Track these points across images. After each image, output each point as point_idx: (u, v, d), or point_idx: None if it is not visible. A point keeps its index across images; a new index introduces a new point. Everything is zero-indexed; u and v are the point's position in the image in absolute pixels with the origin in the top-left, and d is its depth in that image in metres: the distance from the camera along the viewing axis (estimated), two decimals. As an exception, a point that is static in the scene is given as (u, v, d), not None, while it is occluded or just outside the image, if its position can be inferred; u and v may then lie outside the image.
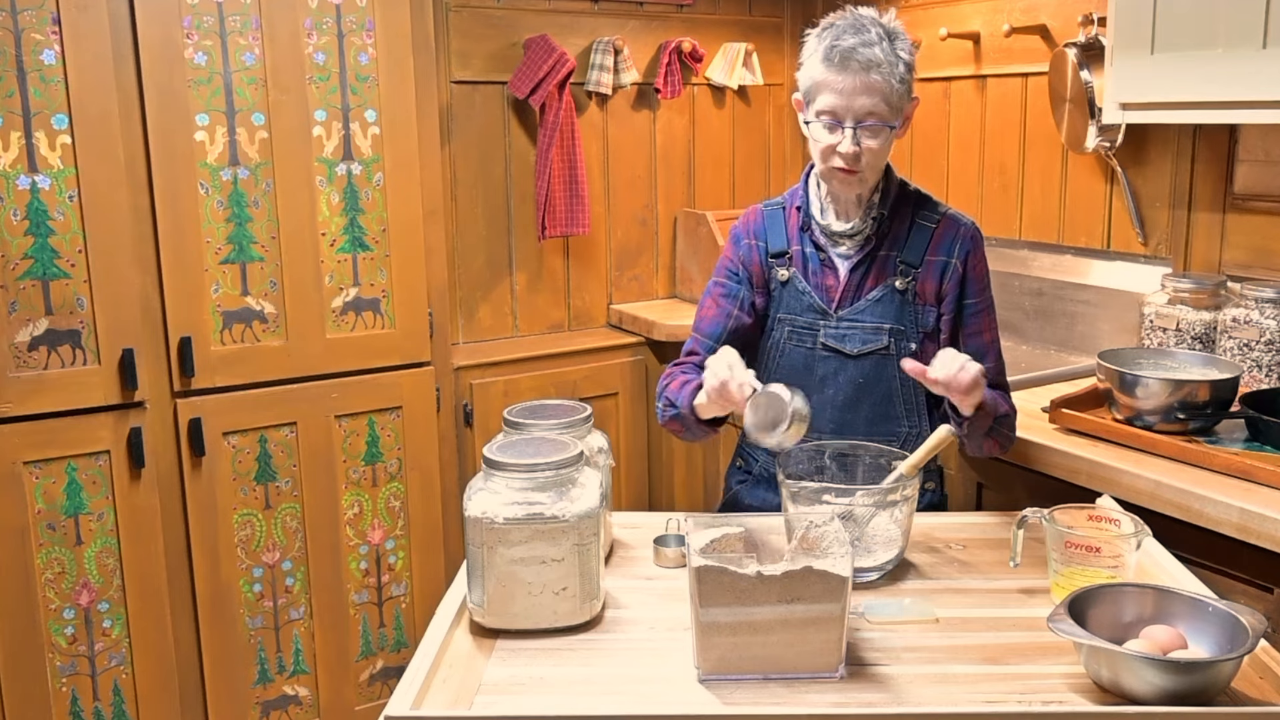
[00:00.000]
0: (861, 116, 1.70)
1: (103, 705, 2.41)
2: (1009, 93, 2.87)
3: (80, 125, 2.24)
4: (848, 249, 1.84)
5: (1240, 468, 1.80)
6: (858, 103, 1.69)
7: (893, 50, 1.70)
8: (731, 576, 1.26)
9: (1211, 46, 1.99)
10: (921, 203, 1.87)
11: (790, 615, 1.27)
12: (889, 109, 1.71)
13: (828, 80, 1.70)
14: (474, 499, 1.41)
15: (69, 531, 2.34)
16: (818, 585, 1.27)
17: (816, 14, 3.45)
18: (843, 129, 1.71)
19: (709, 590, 1.27)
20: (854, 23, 1.72)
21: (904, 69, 1.71)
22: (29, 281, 2.24)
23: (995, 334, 1.89)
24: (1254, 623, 1.23)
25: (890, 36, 1.71)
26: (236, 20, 2.36)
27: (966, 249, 1.84)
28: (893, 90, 1.70)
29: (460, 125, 3.08)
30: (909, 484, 1.57)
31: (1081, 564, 1.43)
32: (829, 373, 1.84)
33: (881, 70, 1.68)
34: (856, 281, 1.83)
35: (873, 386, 1.83)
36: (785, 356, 1.87)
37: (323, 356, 2.56)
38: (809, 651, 1.29)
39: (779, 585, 1.26)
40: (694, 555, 1.29)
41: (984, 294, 1.87)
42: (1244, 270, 2.34)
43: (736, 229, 1.95)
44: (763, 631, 1.28)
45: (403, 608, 2.76)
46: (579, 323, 3.36)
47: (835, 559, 1.28)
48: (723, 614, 1.27)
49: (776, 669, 1.29)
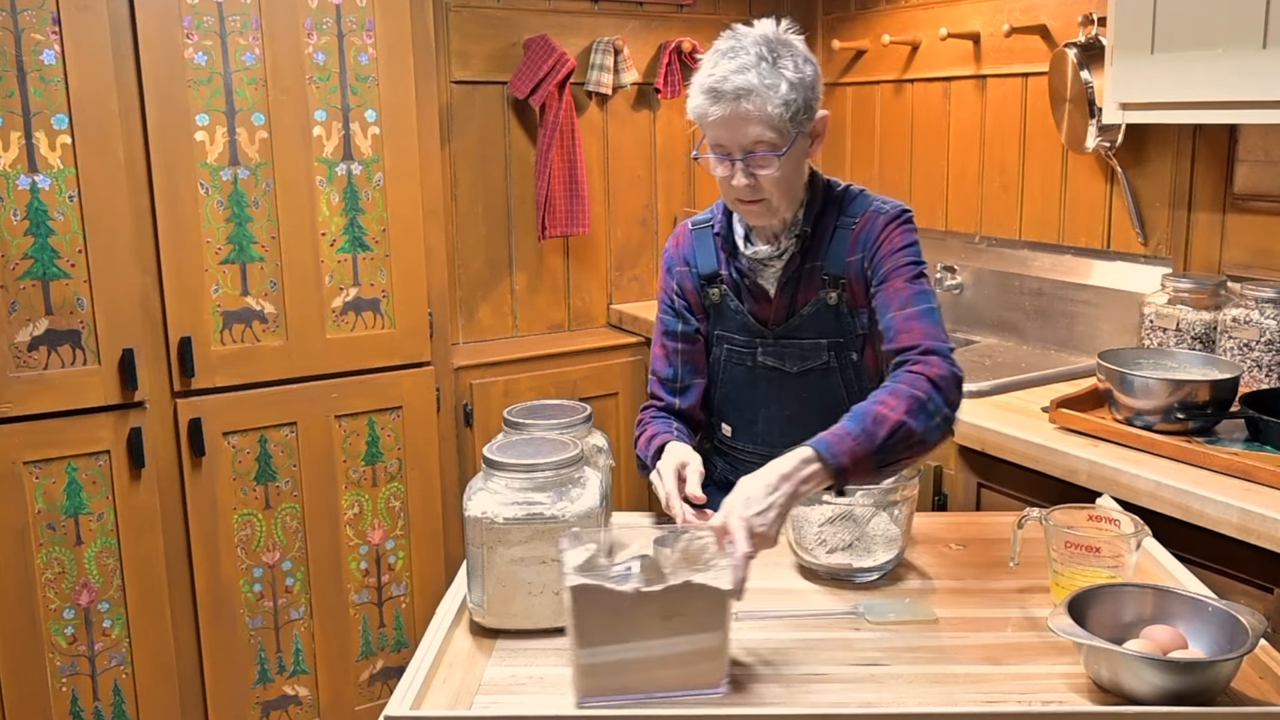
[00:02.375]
0: (749, 147, 1.61)
1: (103, 705, 2.41)
2: (1009, 93, 2.87)
3: (80, 125, 2.24)
4: (776, 270, 1.75)
5: (1240, 468, 1.80)
6: (739, 133, 1.60)
7: (774, 71, 1.58)
8: (609, 595, 1.20)
9: (1211, 46, 1.99)
10: (845, 206, 1.75)
11: (670, 632, 1.22)
12: (776, 134, 1.60)
13: (707, 113, 1.60)
14: (474, 499, 1.41)
15: (69, 531, 2.34)
16: (699, 600, 1.22)
17: (816, 14, 3.47)
18: (732, 161, 1.63)
19: (585, 609, 1.21)
20: (731, 47, 1.61)
21: (786, 89, 1.58)
22: (29, 281, 2.24)
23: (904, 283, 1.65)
24: (1254, 623, 1.23)
25: (773, 56, 1.59)
26: (236, 20, 2.36)
27: (874, 234, 1.71)
28: (773, 115, 1.58)
29: (460, 125, 3.09)
30: (909, 484, 1.57)
31: (1081, 564, 1.43)
32: (772, 391, 1.79)
33: (755, 97, 1.57)
34: (788, 301, 1.76)
35: (819, 400, 1.76)
36: (727, 374, 1.83)
37: (323, 356, 2.56)
38: (691, 669, 1.24)
39: (659, 602, 1.20)
40: (569, 573, 1.22)
41: (896, 260, 1.68)
42: (1244, 270, 2.34)
43: (668, 253, 1.87)
44: (642, 650, 1.22)
45: (403, 608, 2.76)
46: (579, 323, 3.36)
47: (717, 572, 1.23)
48: (599, 633, 1.22)
49: (657, 688, 1.24)
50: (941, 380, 1.53)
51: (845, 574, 1.56)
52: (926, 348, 1.57)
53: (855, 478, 1.46)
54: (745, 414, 1.84)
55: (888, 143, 3.29)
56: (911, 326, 1.61)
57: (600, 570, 1.25)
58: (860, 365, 1.78)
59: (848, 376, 1.78)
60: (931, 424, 1.50)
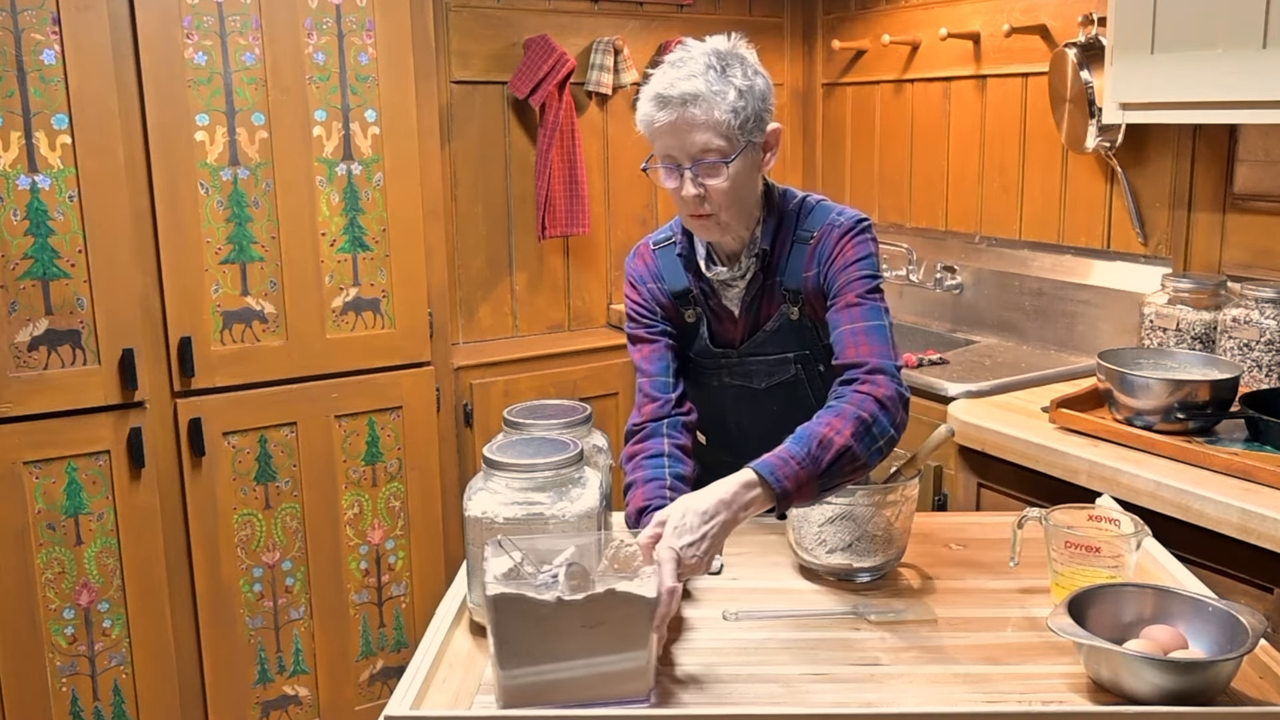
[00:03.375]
0: (696, 155, 1.59)
1: (103, 705, 2.41)
2: (1009, 93, 2.87)
3: (80, 125, 2.24)
4: (738, 289, 1.73)
5: (1240, 468, 1.80)
6: (687, 141, 1.58)
7: (722, 79, 1.57)
8: (529, 603, 1.18)
9: (1211, 46, 1.99)
10: (801, 219, 1.71)
11: (595, 641, 1.20)
12: (725, 142, 1.58)
13: (653, 120, 1.60)
14: (474, 499, 1.41)
15: (69, 531, 2.34)
16: (623, 609, 1.19)
17: (816, 14, 3.47)
18: (680, 171, 1.62)
19: (505, 618, 1.19)
20: (679, 57, 1.61)
21: (735, 96, 1.57)
22: (29, 281, 2.24)
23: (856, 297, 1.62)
24: (1254, 623, 1.23)
25: (722, 65, 1.59)
26: (236, 20, 2.36)
27: (829, 248, 1.67)
28: (720, 122, 1.57)
29: (460, 125, 3.09)
30: (909, 484, 1.57)
31: (1081, 564, 1.43)
32: (741, 405, 1.78)
33: (702, 103, 1.56)
34: (751, 319, 1.74)
35: (788, 414, 1.69)
36: (699, 389, 1.81)
37: (323, 356, 2.56)
38: (616, 679, 1.22)
39: (580, 611, 1.19)
40: (489, 581, 1.21)
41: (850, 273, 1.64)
42: (1244, 270, 2.34)
43: (637, 272, 1.82)
44: (566, 659, 1.20)
45: (403, 608, 2.76)
46: (579, 323, 3.36)
47: (642, 581, 1.21)
48: (522, 643, 1.20)
49: (582, 698, 1.22)
50: (888, 400, 1.51)
51: (845, 574, 1.56)
52: (873, 366, 1.55)
53: (797, 501, 1.45)
54: (716, 425, 1.83)
55: (888, 143, 3.29)
56: (860, 342, 1.58)
57: (525, 578, 1.24)
58: (828, 375, 1.74)
59: (816, 386, 1.77)
60: (874, 447, 1.49)
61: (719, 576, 1.61)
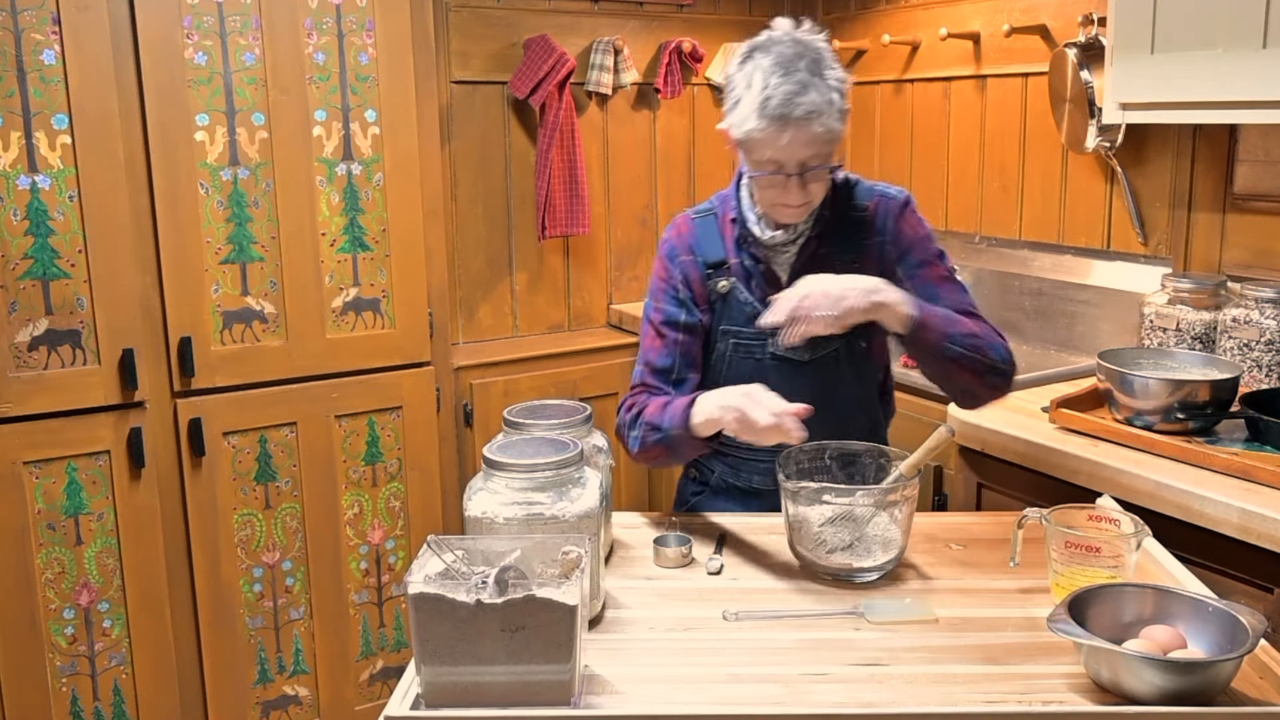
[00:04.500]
0: (807, 162, 1.63)
1: (103, 705, 2.41)
2: (1009, 93, 2.87)
3: (80, 125, 2.24)
4: (790, 255, 1.77)
5: (1240, 468, 1.80)
6: (800, 153, 1.62)
7: (826, 85, 1.60)
8: (449, 604, 1.19)
9: (1211, 46, 1.99)
10: (850, 191, 1.79)
11: (515, 646, 1.20)
12: (832, 148, 1.65)
13: (767, 136, 1.61)
14: (474, 499, 1.41)
15: (69, 531, 2.34)
16: (543, 614, 1.20)
17: (816, 14, 3.47)
18: (787, 178, 1.64)
19: (426, 618, 1.20)
20: (781, 60, 1.61)
21: (839, 99, 1.62)
22: (29, 281, 2.24)
23: (946, 271, 1.78)
24: (1254, 623, 1.23)
25: (820, 67, 1.62)
26: (236, 20, 2.36)
27: (894, 219, 1.77)
28: (834, 131, 1.62)
29: (460, 125, 3.09)
30: (909, 484, 1.57)
31: (1081, 564, 1.43)
32: (781, 381, 1.75)
33: (823, 117, 1.59)
34: None
35: (828, 390, 1.76)
36: (732, 369, 1.81)
37: (323, 356, 2.56)
38: (539, 683, 1.22)
39: (500, 615, 1.19)
40: (411, 581, 1.22)
41: (925, 248, 1.78)
42: (1244, 270, 2.34)
43: (669, 243, 1.85)
44: (486, 662, 1.21)
45: (403, 608, 2.76)
46: (579, 323, 3.36)
47: (565, 587, 1.21)
48: (443, 644, 1.20)
49: (504, 701, 1.22)
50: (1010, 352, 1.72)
51: (845, 574, 1.56)
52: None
53: (923, 336, 1.61)
54: None
55: (888, 143, 3.29)
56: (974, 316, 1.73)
57: (456, 579, 1.24)
58: (867, 353, 1.79)
59: (856, 365, 1.79)
60: (996, 357, 1.68)
61: (719, 576, 1.62)
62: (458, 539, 1.32)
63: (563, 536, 1.34)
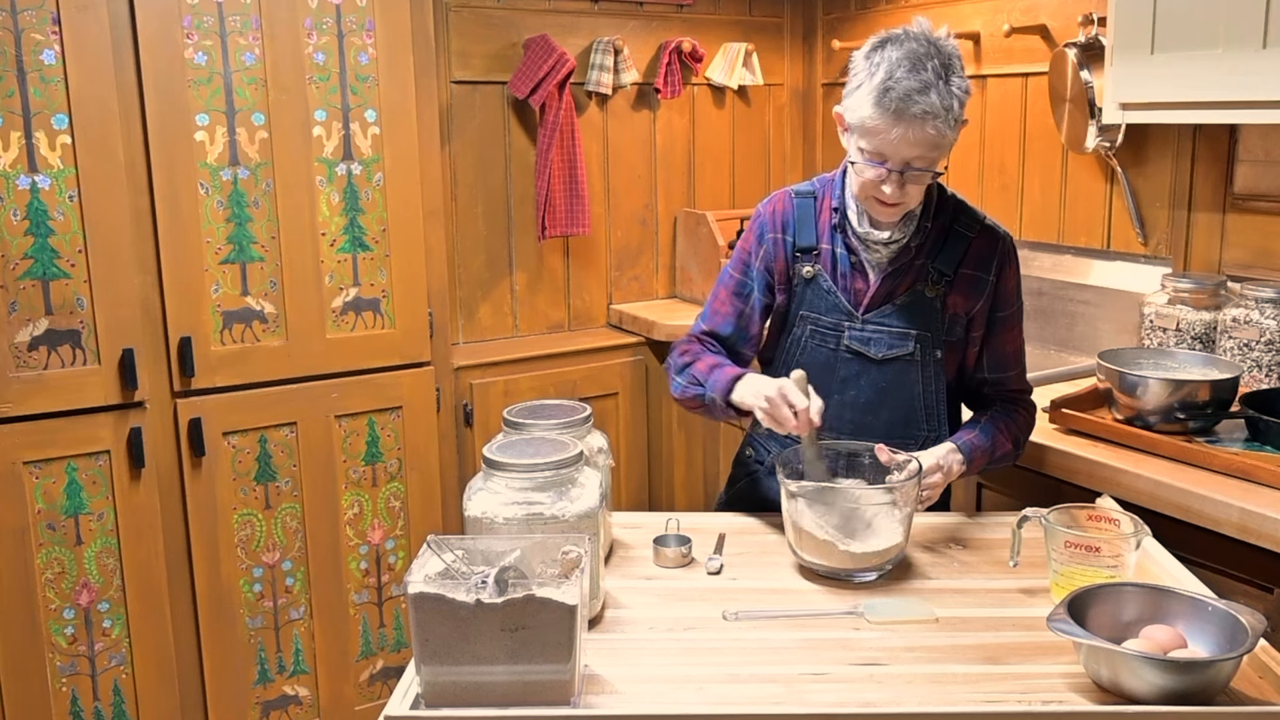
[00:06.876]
0: (911, 161, 1.62)
1: (103, 705, 2.41)
2: (1009, 93, 2.87)
3: (80, 125, 2.24)
4: (883, 255, 1.76)
5: (1240, 468, 1.80)
6: (907, 151, 1.61)
7: (949, 91, 1.60)
8: (449, 604, 1.19)
9: (1211, 46, 1.99)
10: (959, 210, 1.79)
11: (515, 645, 1.21)
12: (939, 154, 1.63)
13: (878, 127, 1.60)
14: (474, 499, 1.41)
15: (69, 531, 2.34)
16: (542, 614, 1.20)
17: (816, 14, 3.47)
18: (888, 171, 1.63)
19: (426, 618, 1.20)
20: (910, 56, 1.61)
21: (958, 107, 1.61)
22: (29, 281, 2.24)
23: (1020, 342, 1.85)
24: (1254, 623, 1.23)
25: (947, 72, 1.61)
26: (236, 20, 2.36)
27: (1003, 265, 1.78)
28: (947, 138, 1.61)
29: (460, 125, 3.09)
30: (909, 484, 1.57)
31: (1081, 564, 1.43)
32: (851, 375, 1.78)
33: (939, 121, 1.58)
34: (888, 288, 1.76)
35: (895, 391, 1.78)
36: (807, 354, 1.80)
37: (323, 356, 2.56)
38: (538, 683, 1.22)
39: (500, 615, 1.19)
40: (411, 581, 1.22)
41: (1013, 303, 1.82)
42: (1244, 270, 2.34)
43: (762, 219, 1.84)
44: (486, 662, 1.21)
45: (402, 608, 2.75)
46: (579, 323, 3.36)
47: (565, 587, 1.21)
48: (443, 643, 1.21)
49: (504, 701, 1.22)
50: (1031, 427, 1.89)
51: (845, 574, 1.56)
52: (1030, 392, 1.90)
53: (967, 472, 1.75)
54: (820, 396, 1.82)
55: (888, 143, 3.29)
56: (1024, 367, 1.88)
57: (456, 579, 1.24)
58: (941, 363, 1.79)
59: (927, 372, 1.79)
60: (1018, 455, 1.86)
61: (719, 576, 1.62)
62: (458, 539, 1.32)
63: (562, 536, 1.34)
